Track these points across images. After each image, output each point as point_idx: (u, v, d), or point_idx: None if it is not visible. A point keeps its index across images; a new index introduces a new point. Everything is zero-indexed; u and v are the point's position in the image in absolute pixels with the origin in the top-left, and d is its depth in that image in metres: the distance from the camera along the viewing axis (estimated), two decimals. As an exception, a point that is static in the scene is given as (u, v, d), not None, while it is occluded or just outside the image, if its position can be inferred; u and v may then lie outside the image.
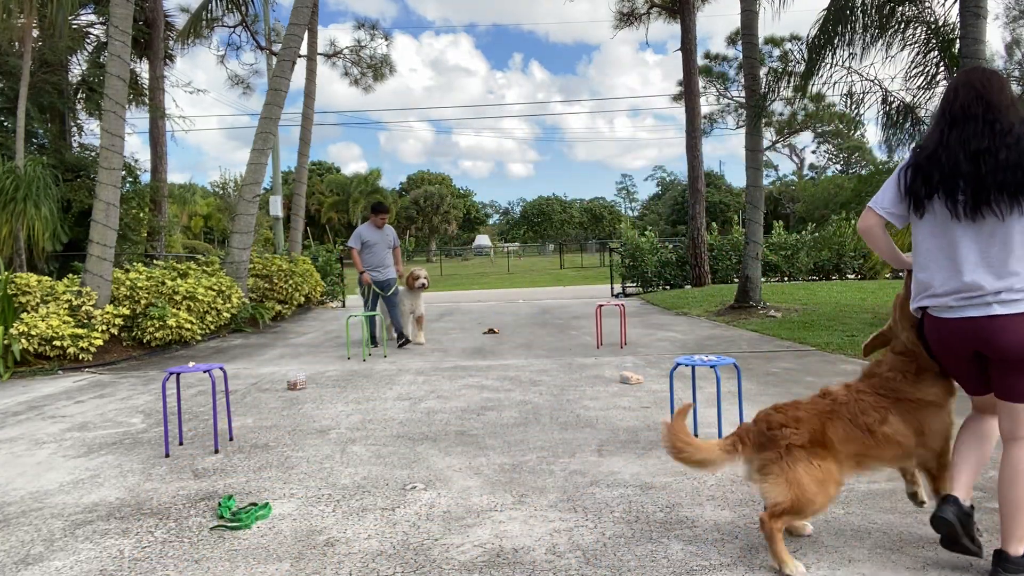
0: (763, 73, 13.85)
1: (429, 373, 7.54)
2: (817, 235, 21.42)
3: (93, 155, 14.69)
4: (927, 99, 10.76)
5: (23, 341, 8.51)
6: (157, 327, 9.77)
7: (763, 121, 14.60)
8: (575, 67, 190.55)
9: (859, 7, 10.44)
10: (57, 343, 8.67)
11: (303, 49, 16.79)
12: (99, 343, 9.02)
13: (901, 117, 11.20)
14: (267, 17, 19.40)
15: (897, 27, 10.58)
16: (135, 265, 11.12)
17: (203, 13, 18.76)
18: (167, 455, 4.71)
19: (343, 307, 17.01)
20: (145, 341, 9.75)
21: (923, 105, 10.86)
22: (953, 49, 10.00)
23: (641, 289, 19.47)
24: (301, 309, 14.97)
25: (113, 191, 9.99)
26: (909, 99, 11.06)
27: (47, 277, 9.86)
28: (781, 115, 33.46)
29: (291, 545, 3.21)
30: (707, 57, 31.28)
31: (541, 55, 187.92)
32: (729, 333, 10.10)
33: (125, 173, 14.80)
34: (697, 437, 3.20)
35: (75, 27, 16.04)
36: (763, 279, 16.83)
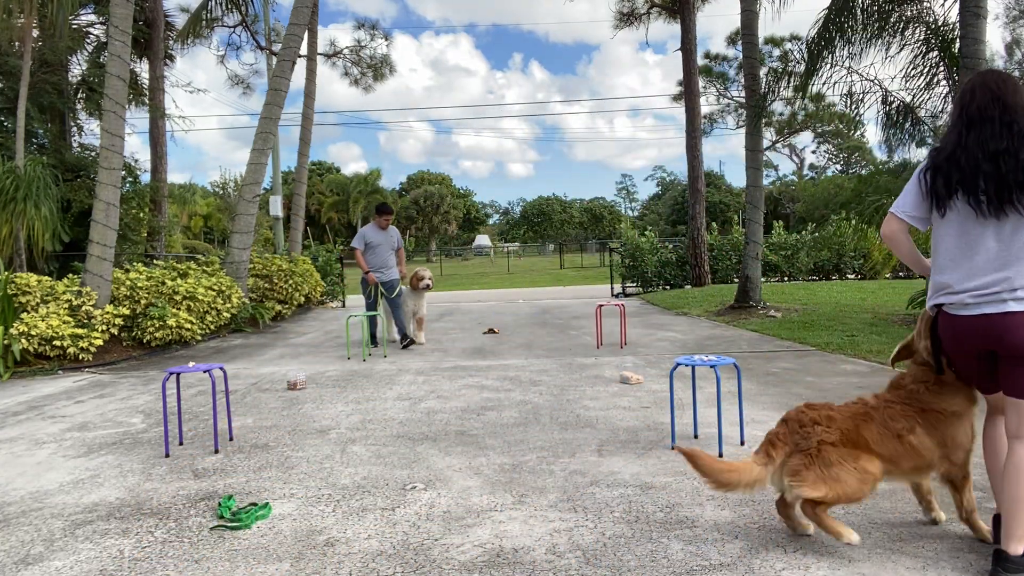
0: (763, 73, 13.86)
1: (429, 373, 7.54)
2: (817, 235, 21.45)
3: (93, 155, 14.68)
4: (927, 99, 10.78)
5: (23, 341, 8.51)
6: (157, 327, 9.77)
7: (763, 121, 14.59)
8: (575, 67, 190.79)
9: (859, 7, 10.44)
10: (57, 343, 8.67)
11: (303, 49, 16.79)
12: (99, 343, 9.02)
13: (901, 117, 11.21)
14: (267, 17, 19.41)
15: (897, 27, 10.58)
16: (135, 265, 11.12)
17: (203, 13, 18.77)
18: (167, 455, 4.71)
19: (343, 307, 17.01)
20: (145, 341, 9.75)
21: (923, 105, 10.88)
22: (953, 49, 10.00)
23: (641, 289, 19.47)
24: (301, 309, 14.98)
25: (113, 191, 10.00)
26: (909, 99, 11.07)
27: (47, 277, 9.86)
28: (781, 115, 33.48)
29: (291, 545, 3.21)
30: (707, 57, 31.31)
31: (541, 55, 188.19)
32: (729, 333, 10.10)
33: (125, 173, 14.78)
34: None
35: (75, 27, 16.03)
36: (763, 279, 16.85)
